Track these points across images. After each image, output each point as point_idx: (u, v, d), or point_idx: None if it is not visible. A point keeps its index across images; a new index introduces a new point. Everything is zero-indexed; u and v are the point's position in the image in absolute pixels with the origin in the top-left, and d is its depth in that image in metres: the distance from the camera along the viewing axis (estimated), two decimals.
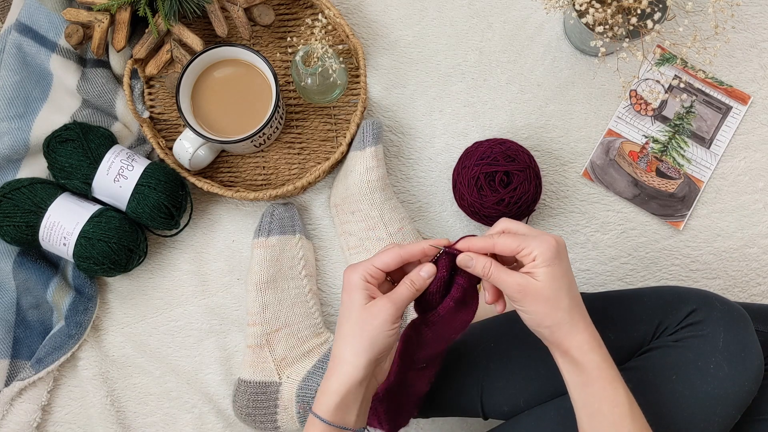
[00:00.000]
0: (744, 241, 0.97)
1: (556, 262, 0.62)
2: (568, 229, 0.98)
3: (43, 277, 0.94)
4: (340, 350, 0.65)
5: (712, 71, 0.99)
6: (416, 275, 0.66)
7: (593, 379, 0.62)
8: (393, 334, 0.65)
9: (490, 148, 0.91)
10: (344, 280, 0.66)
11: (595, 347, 0.63)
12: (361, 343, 0.64)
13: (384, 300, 0.64)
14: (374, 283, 0.66)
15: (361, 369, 0.64)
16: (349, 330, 0.65)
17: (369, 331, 0.64)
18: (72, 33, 0.92)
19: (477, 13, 1.02)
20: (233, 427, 0.94)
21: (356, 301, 0.65)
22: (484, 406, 0.79)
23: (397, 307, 0.64)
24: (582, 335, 0.62)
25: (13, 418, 0.90)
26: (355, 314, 0.64)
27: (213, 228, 0.99)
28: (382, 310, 0.64)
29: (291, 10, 1.00)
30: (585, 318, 0.64)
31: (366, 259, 0.67)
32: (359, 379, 0.64)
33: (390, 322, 0.64)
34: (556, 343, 0.64)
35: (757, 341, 0.71)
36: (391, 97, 1.00)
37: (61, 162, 0.90)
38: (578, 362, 0.62)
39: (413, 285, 0.66)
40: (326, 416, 0.64)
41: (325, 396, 0.64)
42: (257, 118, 0.92)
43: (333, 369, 0.65)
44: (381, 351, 0.64)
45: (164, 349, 0.97)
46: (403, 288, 0.65)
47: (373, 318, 0.64)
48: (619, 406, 0.62)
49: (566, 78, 1.00)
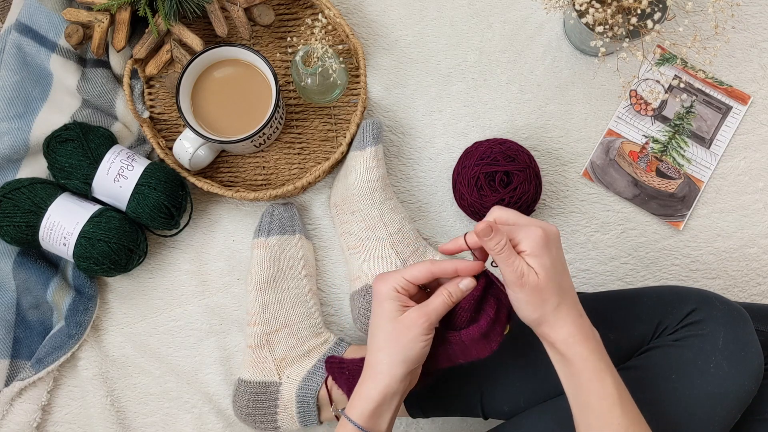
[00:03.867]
0: (744, 241, 0.97)
1: (544, 253, 0.61)
2: (568, 229, 0.98)
3: (43, 277, 0.94)
4: (375, 360, 0.65)
5: (712, 71, 0.99)
6: (454, 287, 0.66)
7: (580, 371, 0.62)
8: (426, 344, 0.65)
9: (490, 148, 0.91)
10: (374, 290, 0.67)
11: (580, 340, 0.62)
12: (396, 356, 0.64)
13: (418, 312, 0.64)
14: (405, 294, 0.66)
15: (398, 381, 0.64)
16: (383, 342, 0.65)
17: (404, 344, 0.64)
18: (72, 33, 0.92)
19: (477, 13, 1.02)
20: (233, 427, 0.94)
21: (388, 311, 0.65)
22: (484, 406, 0.79)
23: (431, 319, 0.64)
24: (568, 328, 0.62)
25: (13, 418, 0.90)
26: (389, 326, 0.65)
27: (213, 228, 0.99)
28: (416, 322, 0.64)
29: (291, 10, 1.00)
30: (573, 309, 0.63)
31: (397, 270, 0.67)
32: (394, 390, 0.65)
33: (423, 335, 0.64)
34: (542, 335, 0.64)
35: (757, 341, 0.71)
36: (391, 97, 1.00)
37: (61, 162, 0.90)
38: (564, 355, 0.62)
39: (450, 297, 0.66)
40: (360, 421, 0.64)
41: (360, 401, 0.65)
42: (257, 118, 0.92)
43: (369, 376, 0.65)
44: (415, 362, 0.65)
45: (164, 349, 0.97)
46: (439, 300, 0.65)
47: (407, 330, 0.64)
48: (607, 398, 0.62)
49: (566, 78, 1.00)
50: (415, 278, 0.66)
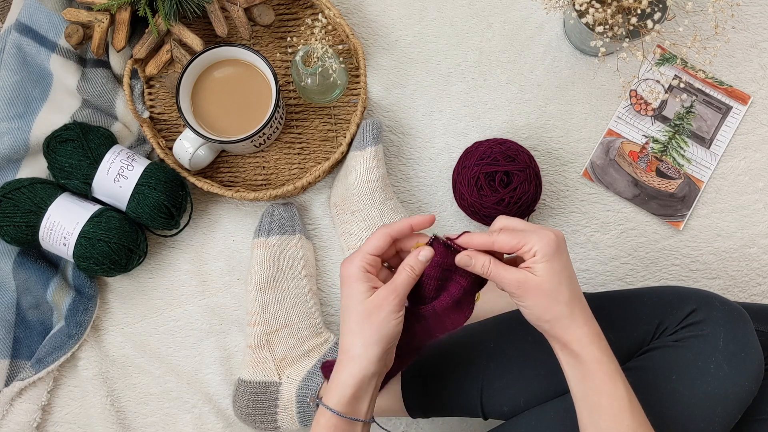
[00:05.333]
0: (744, 241, 0.97)
1: (556, 257, 0.62)
2: (568, 229, 0.98)
3: (43, 277, 0.94)
4: (348, 344, 0.65)
5: (712, 71, 0.99)
6: (414, 260, 0.66)
7: (592, 372, 0.62)
8: (399, 322, 0.65)
9: (490, 148, 0.91)
10: (342, 274, 0.66)
11: (594, 341, 0.63)
12: (370, 337, 0.64)
13: (386, 290, 0.64)
14: (373, 272, 0.66)
15: (374, 362, 0.64)
16: (355, 324, 0.65)
17: (376, 324, 0.64)
18: (72, 33, 0.92)
19: (477, 13, 1.02)
20: (233, 427, 0.94)
21: (357, 293, 0.65)
22: (484, 406, 0.79)
23: (399, 295, 0.64)
24: (582, 329, 0.63)
25: (13, 418, 0.90)
26: (359, 307, 0.64)
27: (213, 228, 0.99)
28: (386, 300, 0.64)
29: (291, 10, 1.00)
30: (585, 312, 0.64)
31: (357, 250, 0.67)
32: (372, 373, 0.64)
33: (395, 312, 0.64)
34: (556, 337, 0.64)
35: (757, 341, 0.71)
36: (391, 97, 1.00)
37: (61, 162, 0.90)
38: (578, 355, 0.63)
39: (413, 270, 0.66)
40: (338, 408, 0.64)
41: (337, 388, 0.65)
42: (257, 118, 0.92)
43: (343, 362, 0.65)
44: (390, 341, 0.65)
45: (164, 349, 0.97)
46: (403, 275, 0.65)
47: (378, 310, 0.64)
48: (618, 400, 0.62)
49: (566, 78, 1.00)
50: (376, 248, 0.65)
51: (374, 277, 0.66)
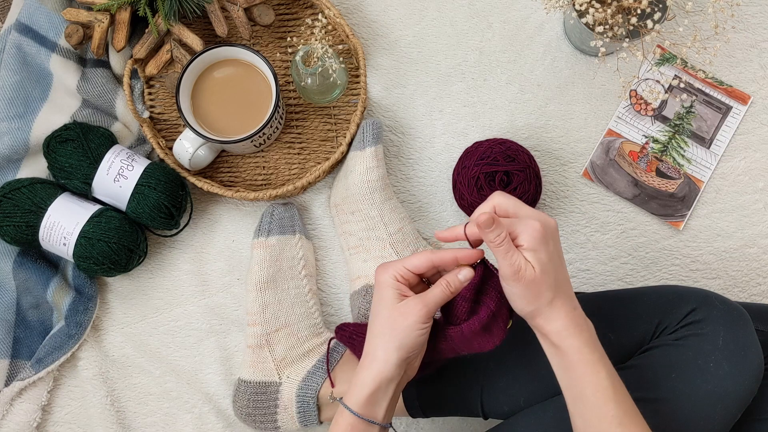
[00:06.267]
0: (744, 241, 0.97)
1: (542, 247, 0.62)
2: (568, 229, 0.98)
3: (43, 277, 0.94)
4: (372, 347, 0.66)
5: (712, 71, 0.99)
6: (453, 277, 0.66)
7: (574, 363, 0.62)
8: (423, 333, 0.65)
9: (490, 148, 0.91)
10: (376, 279, 0.67)
11: (574, 332, 0.62)
12: (392, 342, 0.64)
13: (415, 300, 0.64)
14: (405, 283, 0.66)
15: (392, 367, 0.64)
16: (380, 328, 0.65)
17: (399, 331, 0.64)
18: (72, 33, 0.92)
19: (477, 13, 1.02)
20: (233, 427, 0.94)
21: (387, 299, 0.65)
22: (484, 406, 0.79)
23: (428, 308, 0.64)
24: (562, 321, 0.62)
25: (13, 418, 0.90)
26: (386, 312, 0.65)
27: (213, 228, 0.99)
28: (413, 310, 0.64)
29: (291, 10, 1.00)
30: (568, 302, 0.63)
31: (398, 259, 0.67)
32: (390, 377, 0.64)
33: (420, 323, 0.64)
34: (536, 327, 0.64)
35: (757, 340, 0.71)
36: (391, 97, 1.00)
37: (61, 162, 0.90)
38: (558, 346, 0.63)
39: (449, 287, 0.66)
40: (356, 408, 0.64)
41: (356, 388, 0.65)
42: (257, 118, 0.92)
43: (364, 364, 0.65)
44: (411, 350, 0.65)
45: (164, 349, 0.97)
46: (438, 290, 0.66)
47: (403, 318, 0.64)
48: (602, 390, 0.62)
49: (566, 78, 1.00)
50: (415, 267, 0.66)
51: (405, 287, 0.66)
